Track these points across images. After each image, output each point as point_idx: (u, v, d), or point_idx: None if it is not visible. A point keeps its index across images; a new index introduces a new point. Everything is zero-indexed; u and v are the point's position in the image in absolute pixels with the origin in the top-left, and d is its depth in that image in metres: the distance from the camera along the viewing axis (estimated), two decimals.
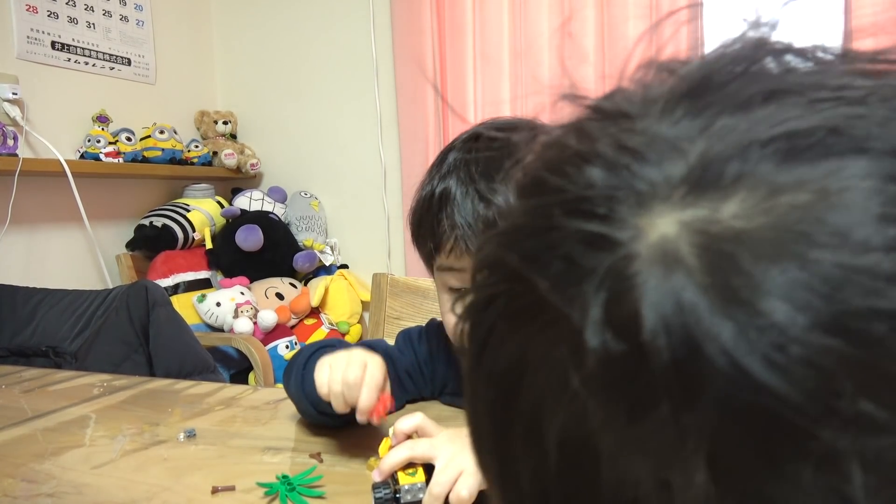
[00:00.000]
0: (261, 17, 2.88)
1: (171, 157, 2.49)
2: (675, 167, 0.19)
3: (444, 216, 0.69)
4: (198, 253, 2.54)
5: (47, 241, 2.22)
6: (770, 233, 0.17)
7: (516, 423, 0.21)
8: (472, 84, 2.47)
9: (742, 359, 0.16)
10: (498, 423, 0.23)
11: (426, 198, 0.72)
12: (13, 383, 1.06)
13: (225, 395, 0.95)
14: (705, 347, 0.16)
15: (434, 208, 0.70)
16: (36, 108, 2.16)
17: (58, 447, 0.75)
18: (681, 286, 0.17)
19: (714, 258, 0.17)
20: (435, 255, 0.72)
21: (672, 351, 0.17)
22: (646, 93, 0.23)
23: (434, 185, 0.71)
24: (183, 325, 1.85)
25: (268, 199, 2.73)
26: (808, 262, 0.16)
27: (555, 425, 0.20)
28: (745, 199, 0.18)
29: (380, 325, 1.19)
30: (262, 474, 0.64)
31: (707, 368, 0.16)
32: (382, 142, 2.71)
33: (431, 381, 0.87)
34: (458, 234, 0.67)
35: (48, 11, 2.21)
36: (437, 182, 0.71)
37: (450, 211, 0.68)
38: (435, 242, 0.71)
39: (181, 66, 2.78)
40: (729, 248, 0.17)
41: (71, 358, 1.62)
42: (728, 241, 0.17)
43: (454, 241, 0.68)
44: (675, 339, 0.17)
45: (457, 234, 0.67)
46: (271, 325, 2.38)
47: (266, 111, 2.91)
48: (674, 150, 0.19)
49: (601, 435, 0.18)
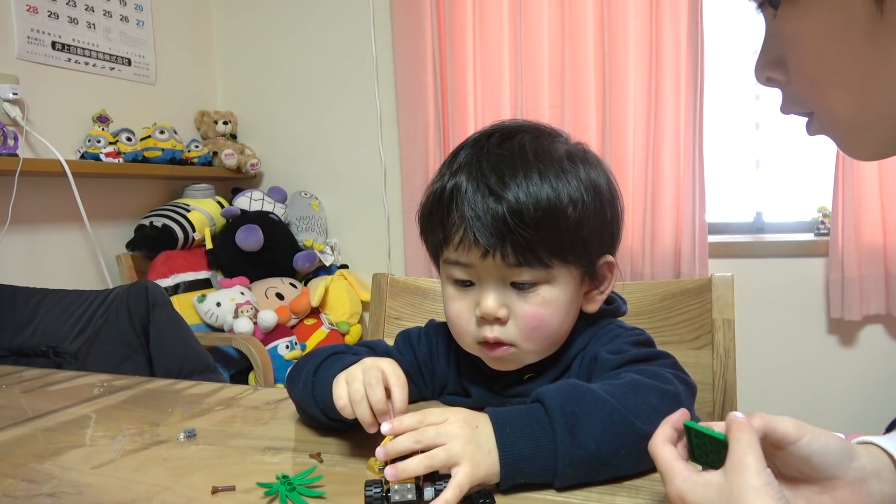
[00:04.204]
0: (261, 17, 2.88)
1: (172, 157, 2.49)
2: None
3: (454, 208, 0.70)
4: (198, 253, 2.55)
5: (47, 241, 2.22)
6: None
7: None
8: (472, 84, 2.47)
9: None
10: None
11: (437, 192, 0.73)
12: (13, 383, 1.06)
13: (225, 395, 0.95)
14: None
15: (445, 201, 0.71)
16: (36, 108, 2.16)
17: (58, 447, 0.75)
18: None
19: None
20: (443, 248, 0.73)
21: None
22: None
23: (445, 180, 0.72)
24: (183, 325, 1.85)
25: (268, 199, 2.73)
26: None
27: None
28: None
29: (380, 325, 1.19)
30: (262, 474, 0.64)
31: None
32: (382, 142, 2.71)
33: (431, 382, 0.87)
34: (468, 226, 0.68)
35: (48, 12, 2.21)
36: (448, 178, 0.72)
37: (460, 204, 0.69)
38: (444, 235, 0.72)
39: (181, 66, 2.78)
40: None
41: (71, 358, 1.62)
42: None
43: (463, 234, 0.69)
44: None
45: (466, 227, 0.68)
46: (271, 325, 2.38)
47: (266, 111, 2.91)
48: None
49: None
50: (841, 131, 0.52)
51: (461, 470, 0.56)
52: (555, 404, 0.60)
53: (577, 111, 2.33)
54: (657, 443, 0.52)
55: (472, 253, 0.69)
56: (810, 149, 2.32)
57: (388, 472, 0.55)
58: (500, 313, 0.70)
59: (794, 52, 0.50)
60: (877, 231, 2.11)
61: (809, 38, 0.48)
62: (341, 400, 0.66)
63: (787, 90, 0.53)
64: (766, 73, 0.53)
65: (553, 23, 2.36)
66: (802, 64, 0.50)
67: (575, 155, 0.73)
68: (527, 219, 0.67)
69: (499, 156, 0.70)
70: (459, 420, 0.59)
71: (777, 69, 0.52)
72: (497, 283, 0.71)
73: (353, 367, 0.68)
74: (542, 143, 0.73)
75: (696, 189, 2.23)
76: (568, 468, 0.58)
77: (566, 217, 0.69)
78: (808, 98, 0.52)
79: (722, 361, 0.99)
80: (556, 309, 0.71)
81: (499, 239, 0.67)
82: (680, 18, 2.20)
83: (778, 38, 0.51)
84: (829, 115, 0.52)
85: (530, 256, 0.68)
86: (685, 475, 0.48)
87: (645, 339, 0.76)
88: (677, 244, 2.27)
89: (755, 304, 2.25)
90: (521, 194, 0.67)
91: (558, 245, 0.69)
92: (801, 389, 2.30)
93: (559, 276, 0.71)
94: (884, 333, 2.21)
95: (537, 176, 0.68)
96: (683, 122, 2.23)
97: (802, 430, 0.50)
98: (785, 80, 0.52)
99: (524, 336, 0.72)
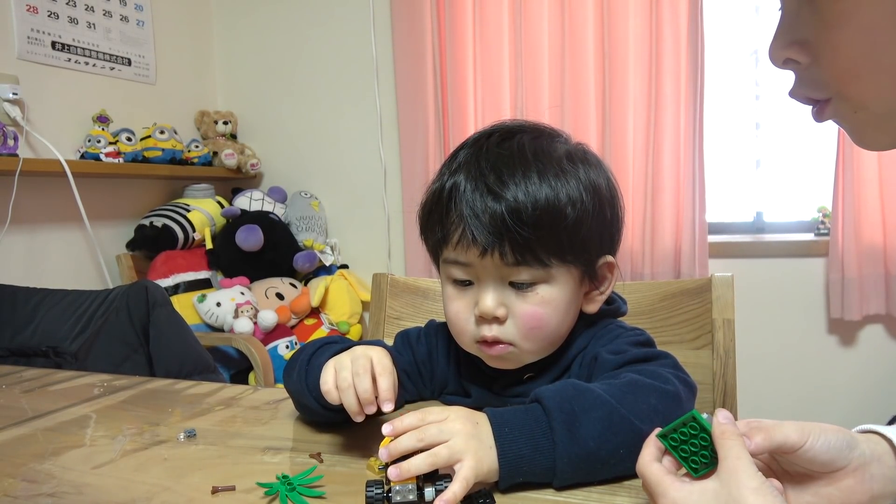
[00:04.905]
0: (261, 17, 2.88)
1: (172, 157, 2.49)
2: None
3: (452, 207, 0.70)
4: (198, 253, 2.54)
5: (47, 241, 2.22)
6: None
7: None
8: (472, 84, 2.47)
9: None
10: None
11: (436, 191, 0.73)
12: (13, 383, 1.06)
13: (225, 395, 0.95)
14: None
15: (444, 200, 0.71)
16: (36, 108, 2.16)
17: (58, 447, 0.75)
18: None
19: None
20: (442, 247, 0.73)
21: None
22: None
23: (444, 180, 0.73)
24: (183, 325, 1.85)
25: (268, 199, 2.73)
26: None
27: None
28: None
29: (380, 325, 1.19)
30: (262, 474, 0.64)
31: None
32: (382, 142, 2.71)
33: (431, 382, 0.87)
34: (466, 225, 0.68)
35: (48, 12, 2.21)
36: (447, 177, 0.72)
37: (459, 203, 0.70)
38: (443, 234, 0.72)
39: (181, 66, 2.78)
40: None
41: (71, 358, 1.62)
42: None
43: (462, 233, 0.69)
44: None
45: (464, 225, 0.69)
46: (271, 325, 2.38)
47: (266, 111, 2.91)
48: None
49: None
50: (862, 119, 0.50)
51: (465, 464, 0.56)
52: (553, 404, 0.60)
53: (577, 111, 2.33)
54: (644, 462, 0.51)
55: (471, 252, 0.69)
56: (810, 149, 2.32)
57: (392, 472, 0.55)
58: (498, 312, 0.70)
59: (837, 29, 0.47)
60: (877, 231, 2.11)
61: (861, 18, 0.46)
62: (326, 385, 0.67)
63: (806, 73, 0.51)
64: (787, 54, 0.51)
65: (553, 23, 2.36)
66: (846, 45, 0.47)
67: (575, 155, 0.73)
68: (525, 218, 0.67)
69: (498, 155, 0.71)
70: (460, 417, 0.59)
71: (801, 50, 0.50)
72: (496, 282, 0.71)
73: (342, 355, 0.69)
74: (541, 142, 0.73)
75: (696, 189, 2.23)
76: (567, 467, 0.58)
77: (565, 216, 0.69)
78: (839, 82, 0.49)
79: (722, 361, 0.99)
80: (555, 308, 0.72)
81: (497, 238, 0.67)
82: (680, 18, 2.20)
83: (806, 19, 0.49)
84: (857, 100, 0.49)
85: (529, 256, 0.68)
86: (678, 486, 0.49)
87: (645, 339, 0.76)
88: (677, 244, 2.27)
89: (755, 304, 2.25)
90: (520, 194, 0.67)
91: (557, 244, 0.69)
92: (801, 389, 2.30)
93: (558, 276, 0.71)
94: (884, 333, 2.21)
95: (536, 176, 0.69)
96: (683, 122, 2.23)
97: (805, 435, 0.50)
98: (807, 62, 0.50)
99: (523, 335, 0.72)
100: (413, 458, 0.56)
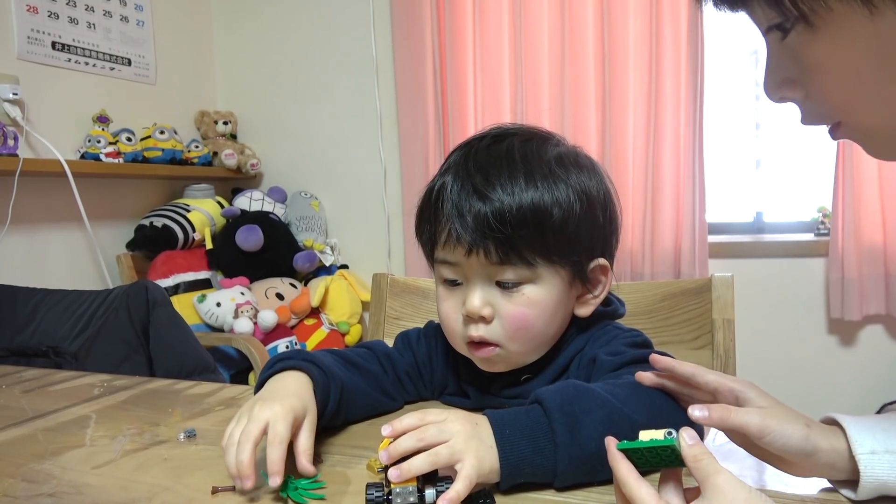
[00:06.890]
0: (261, 17, 2.88)
1: (172, 157, 2.49)
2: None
3: (440, 207, 0.72)
4: (198, 253, 2.54)
5: (47, 242, 2.22)
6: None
7: None
8: (472, 84, 2.47)
9: None
10: None
11: (427, 192, 0.75)
12: (13, 383, 1.06)
13: (225, 395, 0.95)
14: None
15: (433, 201, 0.73)
16: (36, 108, 2.16)
17: (58, 447, 0.75)
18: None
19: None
20: (433, 248, 0.75)
21: None
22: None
23: (435, 181, 0.74)
24: (183, 325, 1.85)
25: (268, 200, 2.73)
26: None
27: None
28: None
29: (380, 326, 1.19)
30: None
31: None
32: (382, 142, 2.71)
33: (431, 382, 0.87)
34: (451, 225, 0.70)
35: (48, 12, 2.21)
36: (437, 178, 0.74)
37: (445, 202, 0.71)
38: (432, 233, 0.73)
39: (181, 66, 2.78)
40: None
41: (71, 358, 1.62)
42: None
43: (448, 232, 0.70)
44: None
45: (450, 225, 0.70)
46: (271, 326, 2.38)
47: (266, 111, 2.91)
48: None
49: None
50: (874, 139, 0.51)
51: (467, 463, 0.56)
52: (554, 404, 0.60)
53: (577, 111, 2.33)
54: (632, 482, 0.48)
55: (458, 251, 0.70)
56: (810, 149, 2.32)
57: (392, 473, 0.55)
58: (484, 312, 0.71)
59: (820, 74, 0.48)
60: (877, 231, 2.11)
61: (842, 61, 0.46)
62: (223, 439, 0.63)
63: (806, 105, 0.52)
64: (781, 94, 0.52)
65: (553, 23, 2.36)
66: (832, 84, 0.48)
67: (566, 158, 0.74)
68: (509, 218, 0.68)
69: (487, 157, 0.72)
70: (460, 417, 0.59)
71: (792, 88, 0.51)
72: (483, 281, 0.71)
73: (257, 404, 0.63)
74: (531, 146, 0.73)
75: (696, 189, 2.23)
76: (568, 468, 0.58)
77: (550, 217, 0.69)
78: (838, 113, 0.50)
79: (722, 361, 0.99)
80: (542, 309, 0.72)
81: (481, 237, 0.68)
82: (680, 19, 2.20)
83: (790, 59, 0.49)
84: (863, 126, 0.50)
85: (513, 254, 0.69)
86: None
87: (643, 340, 0.76)
88: (677, 244, 2.27)
89: (755, 304, 2.25)
90: (505, 195, 0.68)
91: (542, 244, 0.70)
92: (801, 389, 2.30)
93: (545, 276, 0.71)
94: (883, 333, 2.21)
95: (523, 178, 0.69)
96: (683, 122, 2.23)
97: (765, 430, 0.52)
98: (802, 96, 0.51)
99: (509, 336, 0.72)
100: (413, 458, 0.56)
